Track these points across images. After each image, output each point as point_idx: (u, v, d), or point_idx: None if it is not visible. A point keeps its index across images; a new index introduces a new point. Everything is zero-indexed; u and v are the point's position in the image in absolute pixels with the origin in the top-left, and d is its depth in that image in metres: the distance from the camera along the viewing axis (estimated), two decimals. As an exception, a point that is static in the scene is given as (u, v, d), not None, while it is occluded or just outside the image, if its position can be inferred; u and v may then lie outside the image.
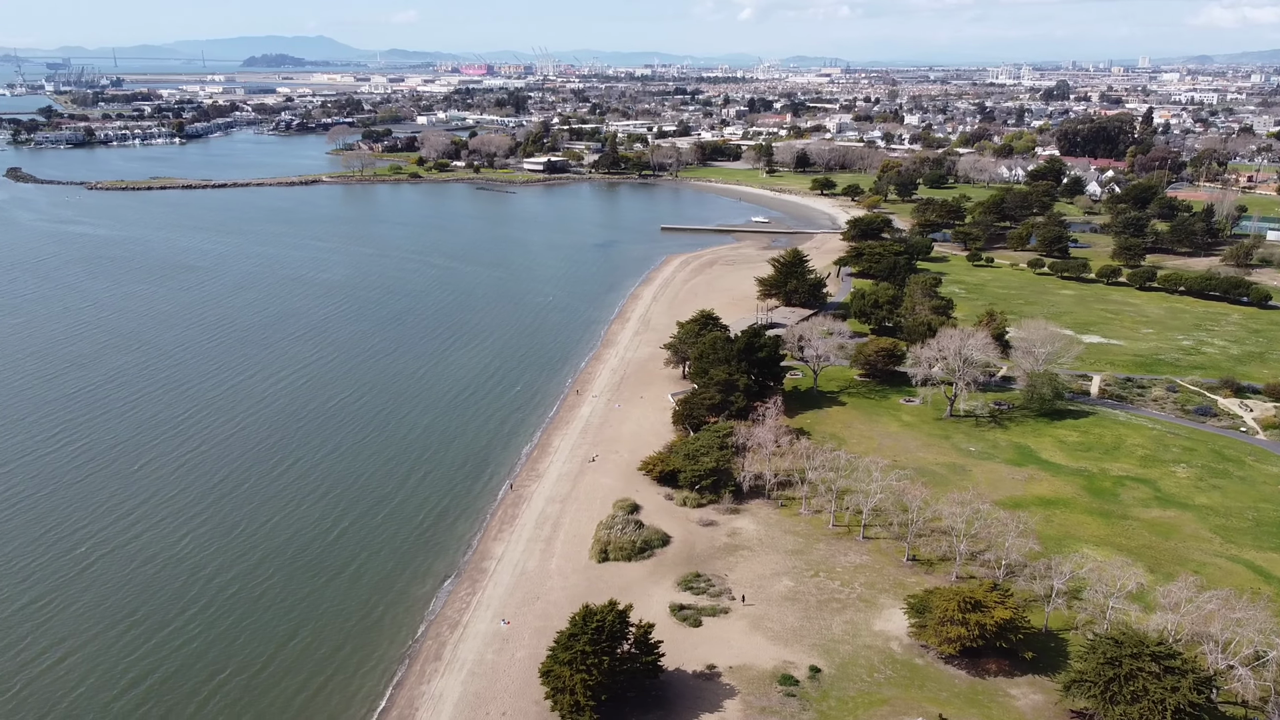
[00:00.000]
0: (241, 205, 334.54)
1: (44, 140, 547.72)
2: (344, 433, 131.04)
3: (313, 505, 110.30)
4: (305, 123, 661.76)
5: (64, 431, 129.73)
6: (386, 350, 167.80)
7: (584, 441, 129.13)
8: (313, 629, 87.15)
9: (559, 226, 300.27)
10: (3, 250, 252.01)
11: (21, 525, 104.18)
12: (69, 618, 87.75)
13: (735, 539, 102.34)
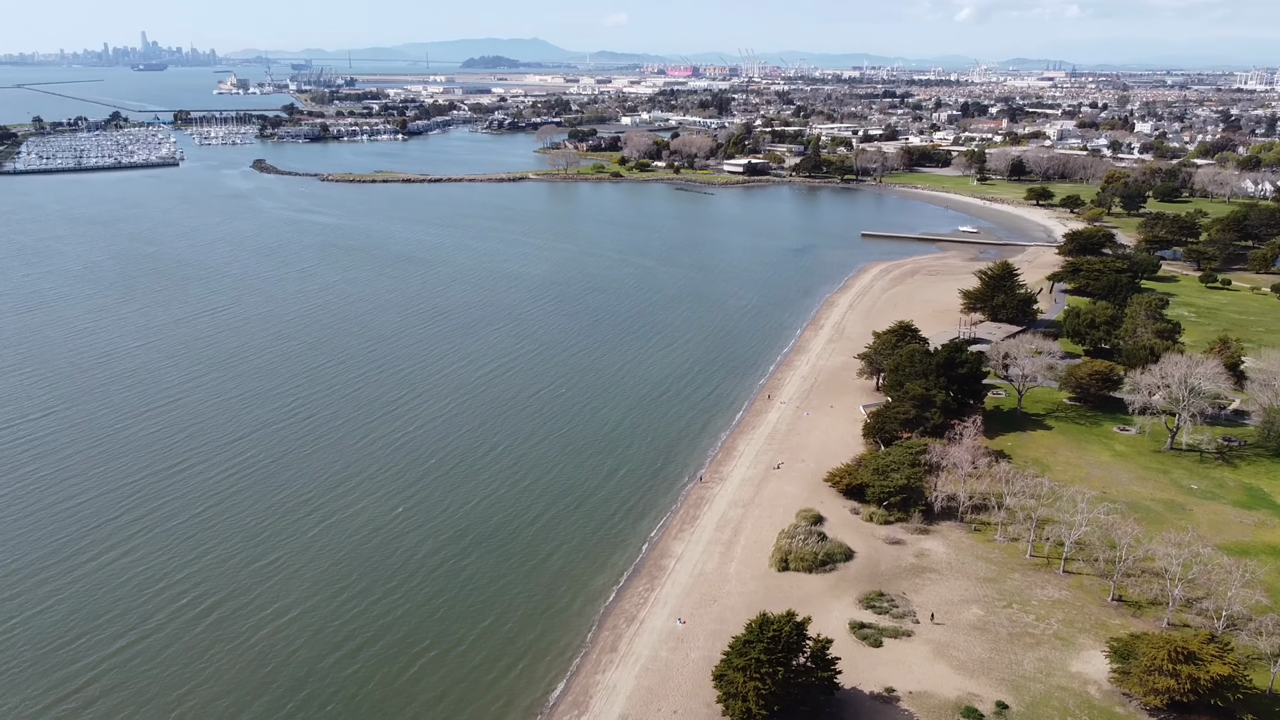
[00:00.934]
0: (455, 200, 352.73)
1: (285, 135, 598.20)
2: (541, 423, 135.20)
3: (509, 490, 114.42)
4: (516, 122, 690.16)
5: (297, 406, 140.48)
6: (584, 346, 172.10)
7: (770, 448, 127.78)
8: (502, 610, 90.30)
9: (756, 229, 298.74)
10: (249, 237, 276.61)
11: (261, 492, 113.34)
12: (293, 579, 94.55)
13: (923, 560, 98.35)
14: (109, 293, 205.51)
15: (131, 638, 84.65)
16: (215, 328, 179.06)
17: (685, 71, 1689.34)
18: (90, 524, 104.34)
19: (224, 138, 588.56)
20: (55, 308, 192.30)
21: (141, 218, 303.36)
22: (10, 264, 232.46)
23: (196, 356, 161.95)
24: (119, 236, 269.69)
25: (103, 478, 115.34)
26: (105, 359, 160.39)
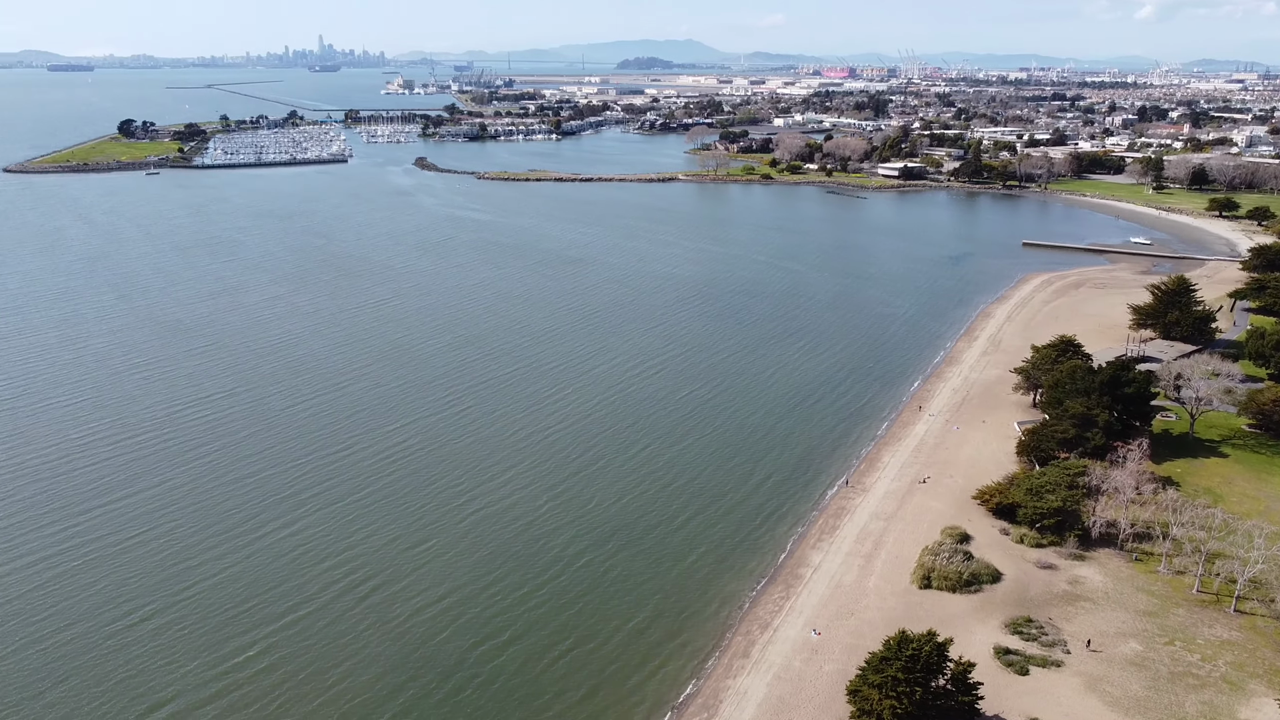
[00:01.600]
0: (605, 199, 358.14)
1: (446, 134, 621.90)
2: (687, 425, 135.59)
3: (654, 490, 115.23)
4: (668, 123, 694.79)
5: (453, 398, 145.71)
6: (730, 349, 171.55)
7: (915, 461, 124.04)
8: (641, 610, 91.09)
9: (910, 235, 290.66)
10: (410, 232, 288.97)
11: (417, 480, 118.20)
12: (445, 567, 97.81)
13: (1076, 588, 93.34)
14: (284, 282, 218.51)
15: (297, 612, 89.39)
16: (377, 319, 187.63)
17: (841, 72, 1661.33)
18: (262, 501, 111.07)
19: (389, 136, 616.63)
20: (235, 294, 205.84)
21: (315, 212, 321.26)
22: (198, 254, 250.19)
23: (360, 346, 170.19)
24: (295, 230, 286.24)
25: (274, 458, 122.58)
26: (279, 345, 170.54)
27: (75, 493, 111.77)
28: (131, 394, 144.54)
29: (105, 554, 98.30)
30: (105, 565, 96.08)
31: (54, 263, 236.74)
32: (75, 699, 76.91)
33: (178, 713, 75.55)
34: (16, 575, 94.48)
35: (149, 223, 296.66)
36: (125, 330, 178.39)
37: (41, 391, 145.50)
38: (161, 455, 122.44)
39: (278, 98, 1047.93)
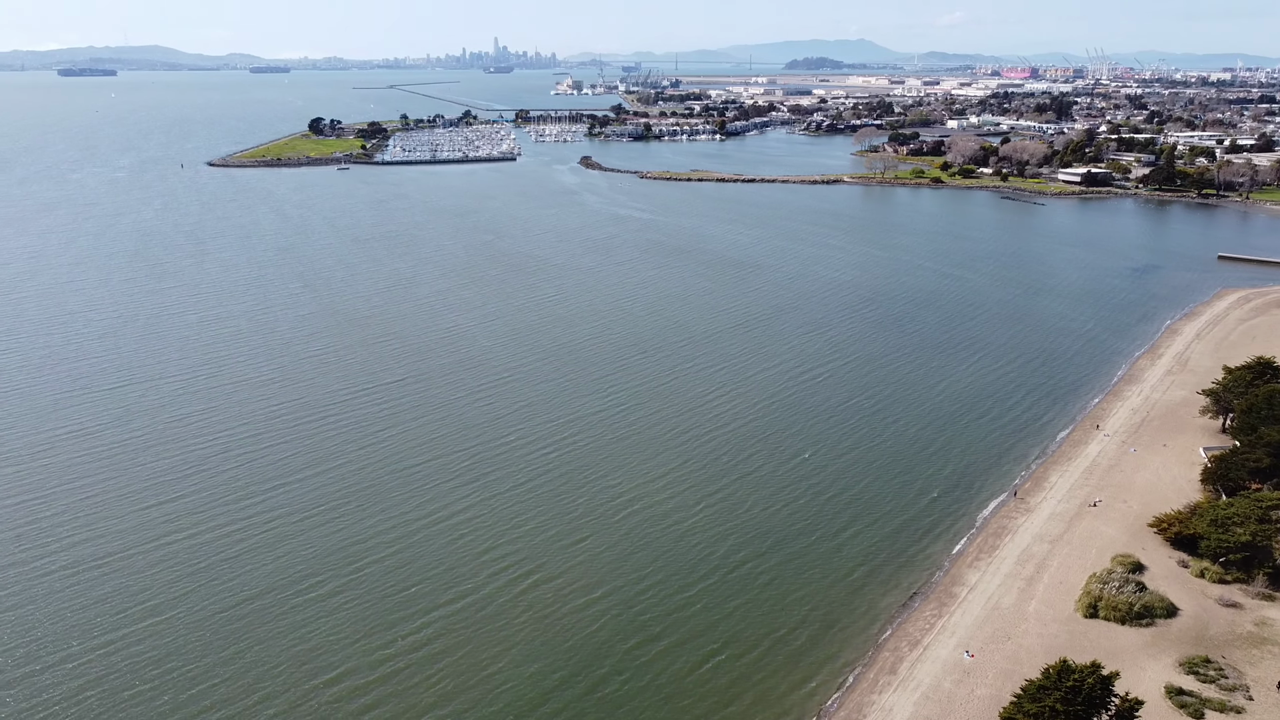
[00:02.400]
0: (767, 200, 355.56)
1: (611, 134, 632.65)
2: (846, 434, 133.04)
3: (809, 499, 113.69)
4: (835, 124, 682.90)
5: (613, 397, 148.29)
6: (892, 357, 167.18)
7: (1086, 483, 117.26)
8: (789, 618, 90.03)
9: (1090, 244, 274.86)
10: (575, 230, 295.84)
11: (576, 476, 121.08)
12: (599, 563, 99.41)
13: (1264, 630, 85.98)
14: (454, 277, 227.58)
15: (457, 599, 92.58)
16: (542, 316, 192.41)
17: (1023, 73, 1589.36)
18: (428, 488, 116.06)
19: (557, 135, 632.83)
20: (409, 287, 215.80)
21: (485, 210, 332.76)
22: (376, 247, 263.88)
23: (525, 341, 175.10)
24: (466, 227, 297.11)
25: (439, 447, 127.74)
26: (447, 337, 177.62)
27: (262, 470, 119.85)
28: (312, 378, 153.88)
29: (286, 530, 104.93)
30: (286, 541, 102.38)
31: (249, 253, 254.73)
32: (254, 666, 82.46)
33: (345, 687, 79.75)
34: (208, 546, 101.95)
35: (333, 216, 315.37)
36: (309, 318, 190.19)
37: (235, 371, 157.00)
38: (337, 439, 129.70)
39: (454, 98, 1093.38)
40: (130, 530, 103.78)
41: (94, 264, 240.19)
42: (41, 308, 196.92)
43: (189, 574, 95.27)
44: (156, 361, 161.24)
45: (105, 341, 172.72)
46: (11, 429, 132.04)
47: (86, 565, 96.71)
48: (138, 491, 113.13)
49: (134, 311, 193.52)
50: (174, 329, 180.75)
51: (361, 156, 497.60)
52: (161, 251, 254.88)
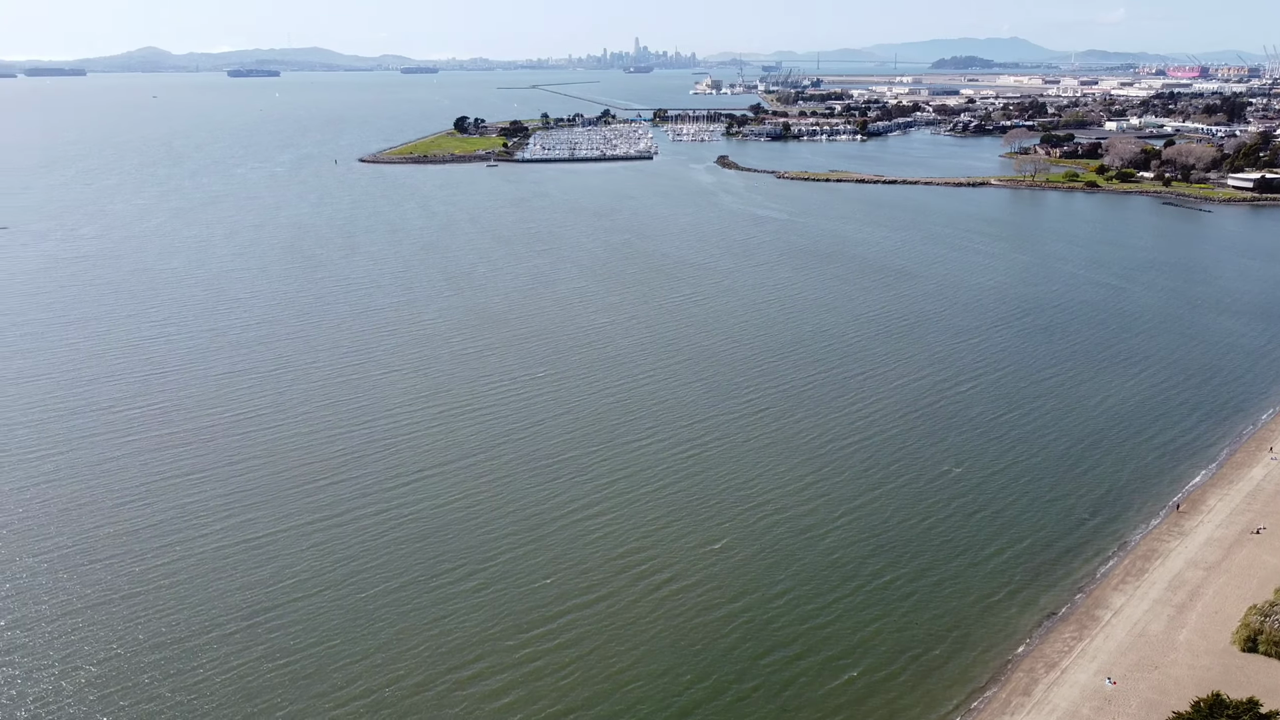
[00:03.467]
0: (908, 202, 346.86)
1: (749, 133, 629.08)
2: (986, 444, 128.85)
3: (947, 512, 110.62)
4: (982, 124, 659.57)
5: (752, 401, 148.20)
6: (1036, 366, 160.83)
7: (1249, 508, 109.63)
8: (920, 633, 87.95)
9: (1264, 255, 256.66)
10: (713, 230, 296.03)
11: (718, 480, 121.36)
12: (735, 571, 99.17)
13: None
14: (592, 275, 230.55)
15: (592, 595, 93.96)
16: (680, 317, 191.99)
17: (1191, 72, 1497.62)
18: (563, 484, 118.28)
19: (694, 134, 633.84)
20: (549, 286, 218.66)
21: (623, 209, 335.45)
22: (518, 245, 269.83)
23: (662, 341, 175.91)
24: (606, 227, 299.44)
25: (575, 444, 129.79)
26: (585, 336, 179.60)
27: (405, 461, 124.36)
28: (453, 371, 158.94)
29: (427, 522, 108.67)
30: (428, 534, 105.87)
31: (396, 247, 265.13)
32: (398, 648, 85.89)
33: (481, 672, 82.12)
34: (355, 535, 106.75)
35: (476, 212, 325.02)
36: (451, 312, 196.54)
37: (381, 360, 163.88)
38: (477, 433, 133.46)
39: (593, 97, 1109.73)
40: (284, 516, 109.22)
41: (254, 254, 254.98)
42: (207, 293, 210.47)
43: (339, 561, 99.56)
44: (309, 349, 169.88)
45: (263, 328, 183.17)
46: (177, 408, 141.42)
47: (240, 548, 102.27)
48: (290, 477, 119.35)
49: (289, 300, 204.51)
50: (326, 319, 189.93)
51: (503, 154, 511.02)
52: (314, 244, 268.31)
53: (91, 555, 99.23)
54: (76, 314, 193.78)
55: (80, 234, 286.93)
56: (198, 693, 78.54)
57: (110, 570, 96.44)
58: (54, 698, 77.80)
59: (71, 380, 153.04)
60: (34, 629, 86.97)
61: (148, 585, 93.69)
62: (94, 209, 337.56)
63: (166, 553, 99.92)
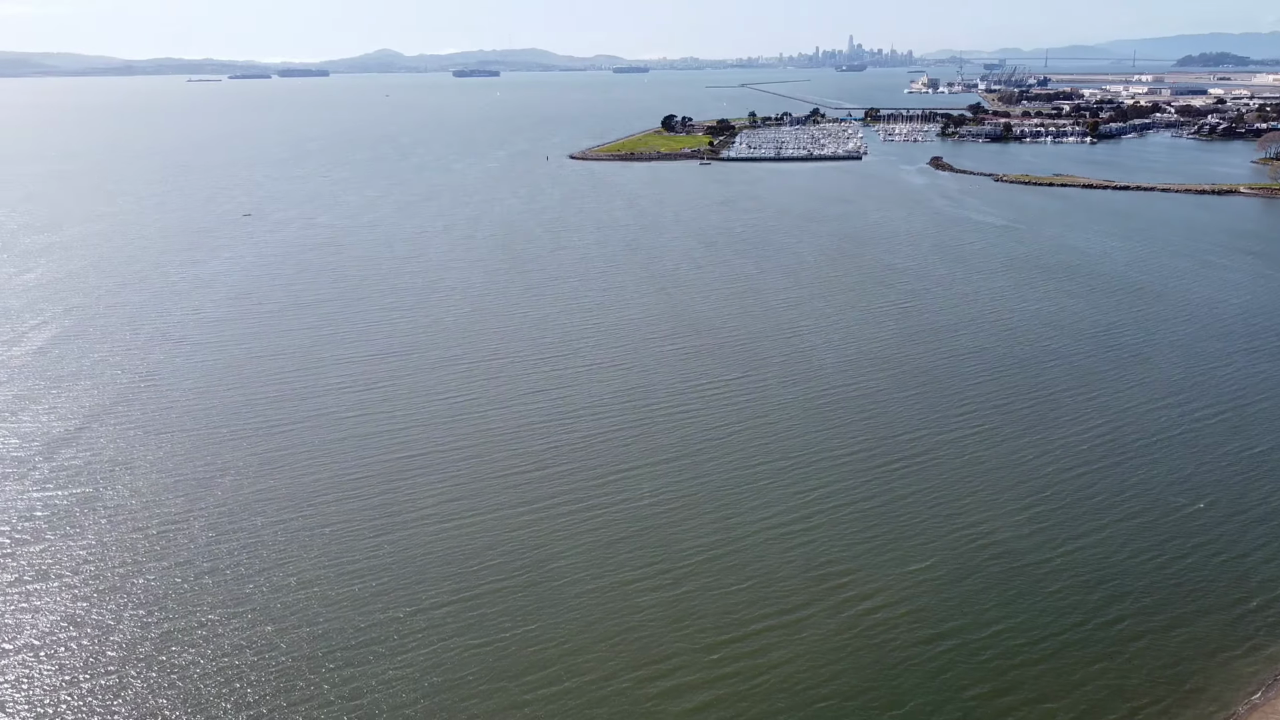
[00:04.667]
0: (1142, 210, 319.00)
1: (966, 134, 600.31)
2: (1243, 483, 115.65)
3: (1190, 554, 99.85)
4: (1233, 127, 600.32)
5: (968, 420, 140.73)
6: (1268, 394, 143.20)
7: None
8: (1127, 672, 79.64)
9: None
10: (925, 235, 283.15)
11: (923, 502, 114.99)
12: (943, 597, 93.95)
13: None
14: (797, 281, 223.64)
15: (783, 609, 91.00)
16: (891, 329, 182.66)
17: None
18: (765, 494, 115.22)
19: (906, 134, 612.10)
20: (756, 294, 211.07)
21: (834, 212, 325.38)
22: (723, 248, 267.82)
23: (872, 354, 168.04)
24: (816, 232, 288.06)
25: (775, 452, 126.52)
26: (792, 346, 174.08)
27: (605, 459, 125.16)
28: (652, 371, 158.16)
29: (626, 520, 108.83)
30: (628, 533, 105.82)
31: (603, 245, 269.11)
32: (588, 644, 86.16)
33: (668, 676, 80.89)
34: (560, 528, 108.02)
35: (682, 211, 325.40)
36: (653, 313, 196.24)
37: (585, 355, 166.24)
38: (671, 435, 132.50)
39: (802, 96, 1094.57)
40: (490, 505, 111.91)
41: (468, 247, 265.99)
42: (425, 283, 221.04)
43: (538, 552, 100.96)
44: (517, 340, 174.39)
45: (475, 318, 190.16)
46: (398, 392, 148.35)
47: (447, 532, 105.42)
48: (497, 467, 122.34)
49: (500, 292, 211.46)
50: (532, 312, 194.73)
51: (708, 152, 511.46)
52: (524, 240, 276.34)
53: (318, 527, 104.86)
54: (310, 297, 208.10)
55: (316, 222, 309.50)
56: (399, 665, 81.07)
57: (332, 546, 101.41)
58: (272, 661, 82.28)
59: (304, 361, 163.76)
60: (270, 602, 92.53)
61: (358, 566, 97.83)
62: (329, 200, 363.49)
63: (380, 533, 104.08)
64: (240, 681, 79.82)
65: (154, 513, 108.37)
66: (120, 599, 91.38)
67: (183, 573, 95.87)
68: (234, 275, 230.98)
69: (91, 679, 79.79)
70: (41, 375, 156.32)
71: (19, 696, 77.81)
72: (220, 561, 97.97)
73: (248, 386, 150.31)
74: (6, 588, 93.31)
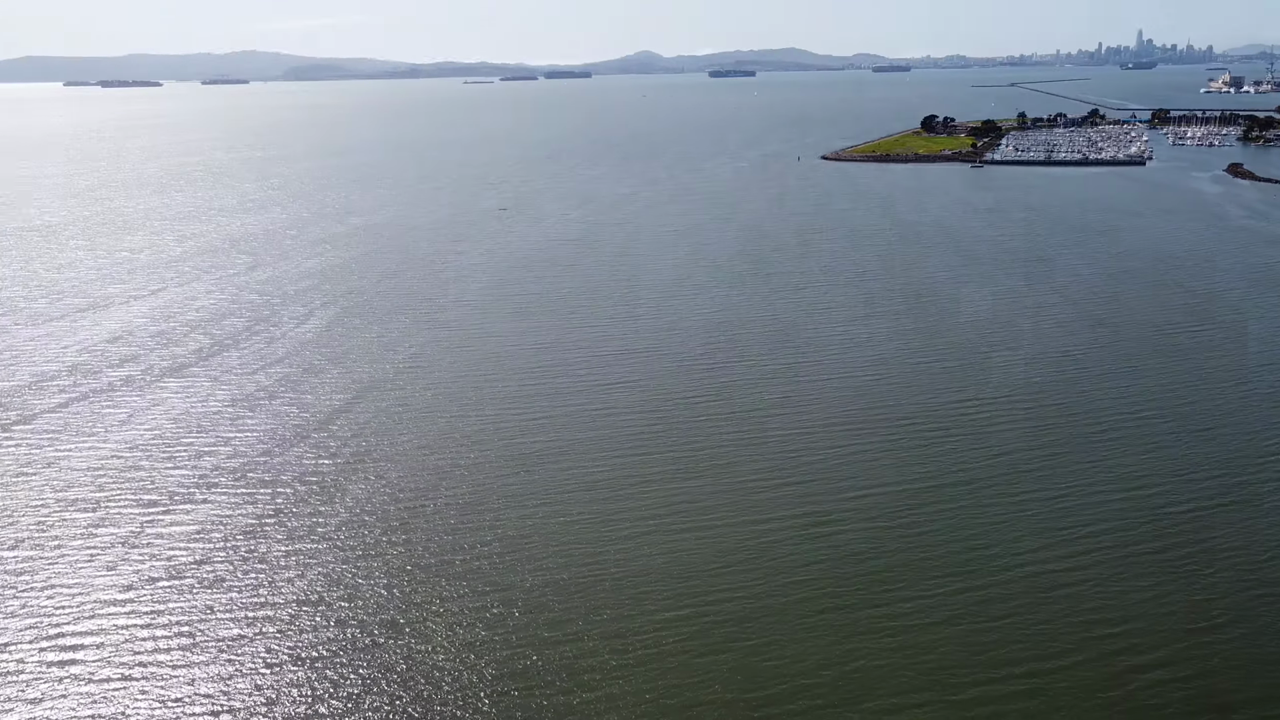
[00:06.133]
0: None
1: (1274, 137, 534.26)
2: None
3: None
4: None
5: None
6: None
7: None
8: None
9: None
10: (1234, 256, 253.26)
11: (1212, 558, 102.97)
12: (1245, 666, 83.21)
13: None
14: (1083, 314, 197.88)
15: (1040, 653, 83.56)
16: (1216, 384, 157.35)
17: None
18: (1039, 540, 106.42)
19: (1200, 138, 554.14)
20: (1030, 320, 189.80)
21: (1123, 227, 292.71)
22: (990, 264, 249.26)
23: (1182, 418, 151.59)
24: (1097, 253, 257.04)
25: (1049, 486, 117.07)
26: (1075, 391, 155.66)
27: (846, 477, 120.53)
28: (900, 400, 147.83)
29: (867, 541, 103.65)
30: (866, 552, 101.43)
31: (855, 252, 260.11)
32: (770, 668, 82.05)
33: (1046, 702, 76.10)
34: (793, 546, 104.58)
35: (942, 218, 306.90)
36: (905, 336, 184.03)
37: (828, 369, 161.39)
38: (908, 460, 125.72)
39: (1080, 96, 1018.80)
40: (732, 520, 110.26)
41: (713, 248, 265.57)
42: (670, 282, 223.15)
43: (768, 565, 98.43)
44: (757, 347, 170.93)
45: (715, 321, 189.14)
46: (644, 390, 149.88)
47: (674, 530, 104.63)
48: (730, 484, 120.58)
49: (743, 296, 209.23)
50: (776, 319, 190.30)
51: (970, 154, 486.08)
52: (770, 243, 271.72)
53: (560, 520, 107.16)
54: (559, 291, 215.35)
55: (568, 219, 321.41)
56: (622, 675, 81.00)
57: (574, 543, 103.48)
58: (502, 642, 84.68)
59: (552, 355, 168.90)
60: (510, 591, 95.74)
61: (599, 568, 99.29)
62: (581, 197, 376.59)
63: (618, 540, 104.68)
64: (473, 661, 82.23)
65: (407, 487, 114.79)
66: (372, 564, 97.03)
67: (427, 548, 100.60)
68: (491, 267, 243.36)
69: (348, 637, 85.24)
70: (323, 351, 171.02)
71: (285, 645, 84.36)
72: (463, 539, 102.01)
73: (500, 376, 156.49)
74: (279, 544, 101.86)
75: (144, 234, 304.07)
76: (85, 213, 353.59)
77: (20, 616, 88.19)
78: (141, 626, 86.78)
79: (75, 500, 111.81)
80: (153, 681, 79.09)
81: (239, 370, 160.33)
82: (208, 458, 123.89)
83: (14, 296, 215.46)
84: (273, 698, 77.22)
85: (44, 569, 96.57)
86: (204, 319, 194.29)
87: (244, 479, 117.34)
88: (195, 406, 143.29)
